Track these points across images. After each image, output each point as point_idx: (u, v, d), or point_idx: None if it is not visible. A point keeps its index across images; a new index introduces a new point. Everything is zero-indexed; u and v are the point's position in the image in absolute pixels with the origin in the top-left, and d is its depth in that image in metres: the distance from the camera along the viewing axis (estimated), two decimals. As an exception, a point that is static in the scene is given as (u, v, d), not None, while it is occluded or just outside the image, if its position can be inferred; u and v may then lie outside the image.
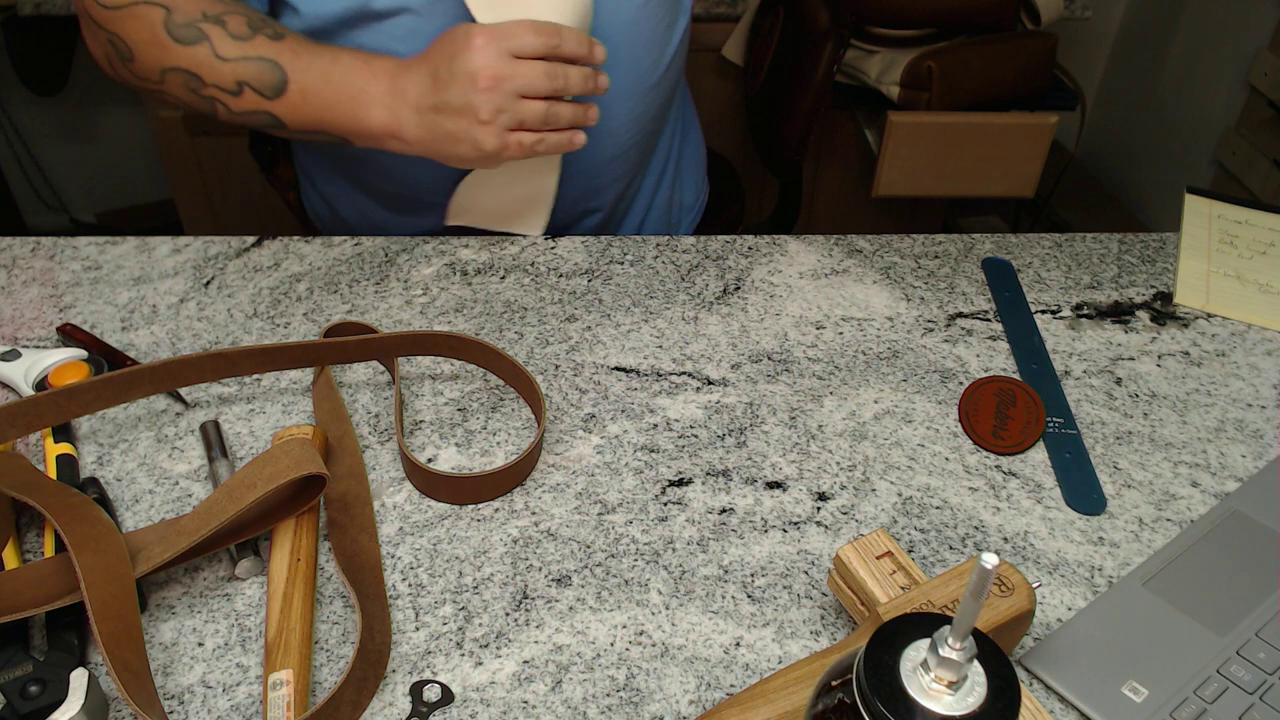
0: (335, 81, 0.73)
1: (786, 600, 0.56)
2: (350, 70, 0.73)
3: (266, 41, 0.74)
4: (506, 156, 0.73)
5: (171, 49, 0.74)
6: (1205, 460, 0.66)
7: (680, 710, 0.50)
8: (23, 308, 0.76)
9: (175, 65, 0.74)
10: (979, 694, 0.33)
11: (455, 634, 0.54)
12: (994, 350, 0.74)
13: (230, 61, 0.74)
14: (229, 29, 0.74)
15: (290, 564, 0.55)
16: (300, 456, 0.55)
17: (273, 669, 0.50)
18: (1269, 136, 1.69)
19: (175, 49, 0.74)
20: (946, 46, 1.64)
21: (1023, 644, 0.54)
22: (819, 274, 0.81)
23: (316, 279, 0.79)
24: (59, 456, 0.62)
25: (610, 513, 0.61)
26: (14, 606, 0.50)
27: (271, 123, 0.76)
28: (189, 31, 0.74)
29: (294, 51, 0.73)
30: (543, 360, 0.72)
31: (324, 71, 0.73)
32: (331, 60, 0.73)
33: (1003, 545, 0.59)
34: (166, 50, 0.74)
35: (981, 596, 0.31)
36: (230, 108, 0.75)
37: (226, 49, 0.74)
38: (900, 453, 0.65)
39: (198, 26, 0.74)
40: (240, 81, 0.74)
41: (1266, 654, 0.53)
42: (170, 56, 0.74)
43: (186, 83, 0.75)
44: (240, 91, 0.74)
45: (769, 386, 0.70)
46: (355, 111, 0.73)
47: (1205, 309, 0.79)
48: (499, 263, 0.82)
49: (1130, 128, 2.12)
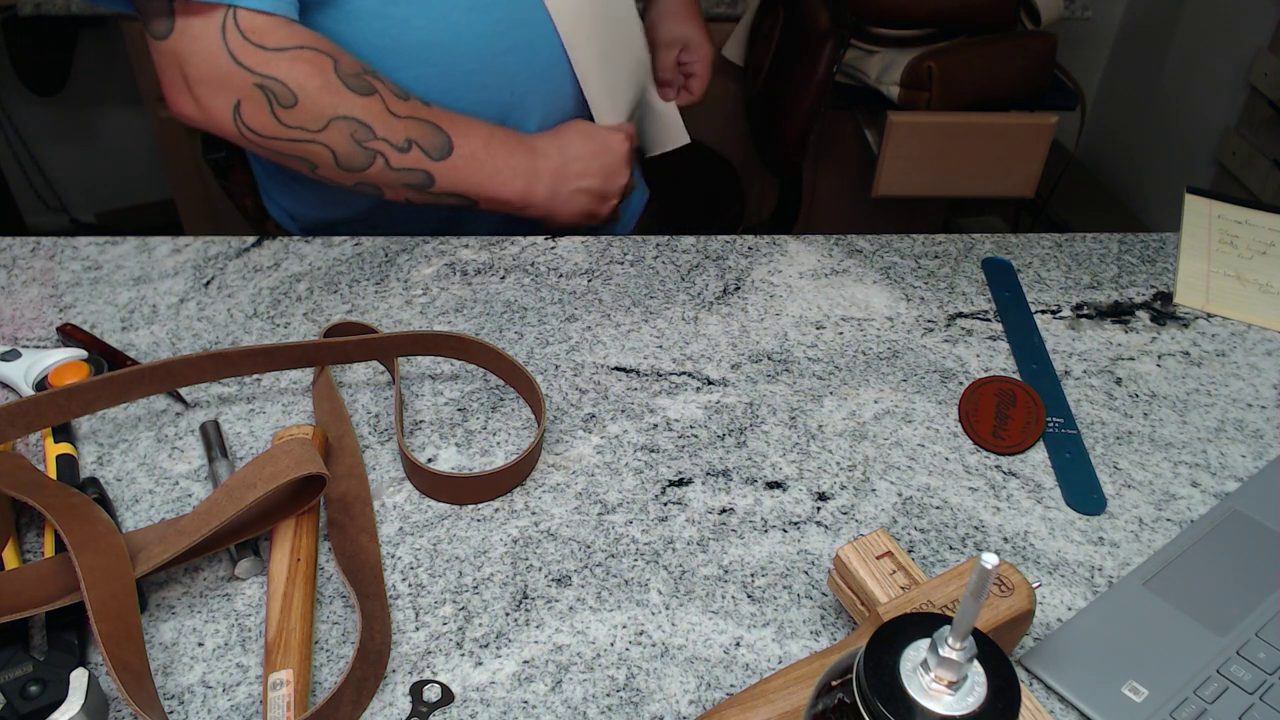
0: (496, 154, 0.80)
1: (786, 600, 0.56)
2: (504, 144, 0.81)
3: (424, 106, 0.78)
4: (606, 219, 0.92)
5: (347, 96, 0.74)
6: (1205, 460, 0.66)
7: (680, 710, 0.50)
8: (23, 308, 0.76)
9: (349, 114, 0.74)
10: (979, 694, 0.33)
11: (455, 634, 0.54)
12: (994, 350, 0.74)
13: (401, 119, 0.76)
14: (390, 87, 0.76)
15: (290, 564, 0.55)
16: (300, 456, 0.55)
17: (273, 669, 0.50)
18: (1269, 136, 1.69)
19: (350, 97, 0.74)
20: (946, 46, 1.64)
21: (1023, 644, 0.54)
22: (819, 274, 0.82)
23: (316, 279, 0.79)
24: (59, 456, 0.62)
25: (610, 513, 0.61)
26: (14, 606, 0.50)
27: (423, 183, 0.79)
28: (360, 83, 0.74)
29: (451, 121, 0.78)
30: (543, 360, 0.72)
31: (486, 142, 0.80)
32: (489, 134, 0.80)
33: (1003, 545, 0.59)
34: (341, 97, 0.73)
35: (981, 596, 0.31)
36: (391, 163, 0.77)
37: (396, 105, 0.76)
38: (900, 453, 0.65)
39: (365, 79, 0.75)
40: (410, 139, 0.76)
41: (1266, 654, 0.53)
42: (345, 104, 0.74)
43: (355, 133, 0.75)
44: (408, 149, 0.76)
45: (769, 386, 0.70)
46: (507, 183, 0.81)
47: (1205, 309, 0.79)
48: (499, 263, 0.82)
49: (1130, 128, 2.12)
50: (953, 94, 1.60)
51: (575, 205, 0.86)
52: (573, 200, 0.86)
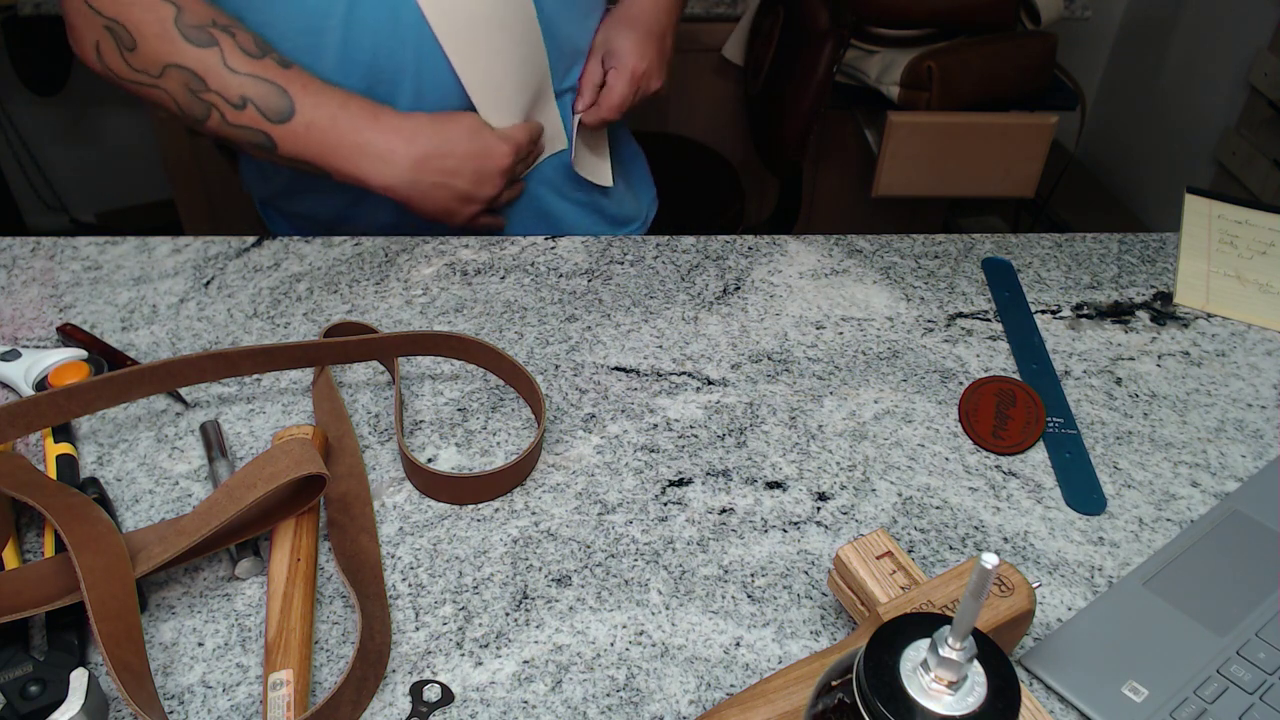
0: (341, 126, 0.78)
1: (786, 600, 0.56)
2: (356, 119, 0.79)
3: (275, 66, 0.77)
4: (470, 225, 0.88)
5: (180, 46, 0.75)
6: (1205, 460, 0.66)
7: (680, 710, 0.50)
8: (23, 308, 0.76)
9: (181, 63, 0.75)
10: (979, 694, 0.33)
11: (455, 634, 0.54)
12: (994, 350, 0.74)
13: (239, 75, 0.76)
14: (239, 42, 0.76)
15: (290, 564, 0.55)
16: (300, 456, 0.55)
17: (273, 669, 0.50)
18: (1269, 136, 1.69)
19: (184, 47, 0.75)
20: (946, 46, 1.64)
21: (1023, 644, 0.54)
22: (819, 274, 0.82)
23: (316, 279, 0.79)
24: (59, 456, 0.62)
25: (610, 513, 0.61)
26: (14, 606, 0.50)
27: (264, 143, 0.79)
28: (200, 34, 0.75)
29: (303, 85, 0.78)
30: (543, 360, 0.72)
31: (333, 114, 0.78)
32: (340, 104, 0.78)
33: (1003, 545, 0.59)
34: (175, 46, 0.75)
35: (981, 596, 0.31)
36: (227, 118, 0.77)
37: (236, 61, 0.76)
38: (900, 453, 0.65)
39: (209, 31, 0.76)
40: (245, 97, 0.76)
41: (1266, 654, 0.53)
42: (178, 53, 0.75)
43: (189, 82, 0.76)
44: (244, 106, 0.77)
45: (769, 386, 0.70)
46: (355, 159, 0.79)
47: (1205, 309, 0.79)
48: (499, 263, 0.82)
49: (1130, 128, 2.12)
50: (953, 94, 1.60)
51: (435, 199, 0.82)
52: (433, 193, 0.82)
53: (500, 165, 0.84)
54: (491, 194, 0.84)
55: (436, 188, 0.82)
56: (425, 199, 0.82)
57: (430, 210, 0.83)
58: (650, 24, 0.93)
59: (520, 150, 0.86)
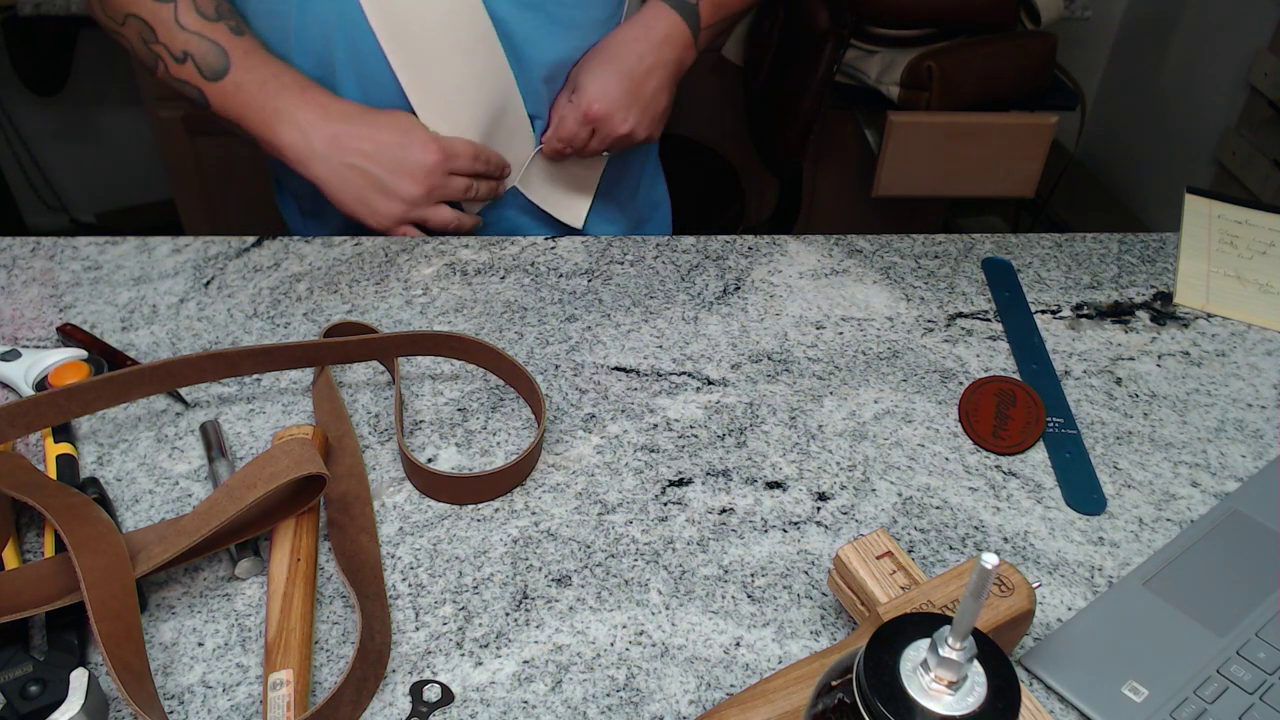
0: (269, 92, 0.80)
1: (786, 600, 0.56)
2: (285, 89, 0.81)
3: (225, 31, 0.81)
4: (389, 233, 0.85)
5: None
6: (1205, 460, 0.66)
7: (680, 710, 0.50)
8: (23, 308, 0.76)
9: (137, 13, 0.81)
10: (979, 694, 0.33)
11: (455, 634, 0.54)
12: (994, 350, 0.74)
13: (186, 32, 0.80)
14: (197, 3, 0.81)
15: (290, 564, 0.55)
16: (300, 456, 0.55)
17: (273, 669, 0.50)
18: (1269, 136, 1.69)
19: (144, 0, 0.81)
20: (946, 46, 1.64)
21: (1023, 644, 0.54)
22: (819, 274, 0.82)
23: (316, 279, 0.79)
24: (59, 456, 0.62)
25: (610, 513, 0.61)
26: (14, 606, 0.50)
27: (197, 98, 0.83)
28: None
29: (245, 51, 0.81)
30: (543, 360, 0.72)
31: (262, 79, 0.80)
32: (274, 74, 0.81)
33: (1003, 545, 0.59)
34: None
35: (981, 596, 0.31)
36: (170, 70, 0.82)
37: (187, 19, 0.80)
38: (900, 453, 0.65)
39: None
40: (186, 52, 0.81)
41: (1266, 654, 0.53)
42: (136, 5, 0.81)
43: (141, 32, 0.81)
44: (183, 60, 0.81)
45: (769, 386, 0.70)
46: (274, 124, 0.81)
47: (1205, 309, 0.79)
48: (499, 263, 0.82)
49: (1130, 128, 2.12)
50: (953, 94, 1.60)
51: (349, 182, 0.81)
52: (346, 174, 0.80)
53: (422, 161, 0.80)
54: (412, 192, 0.81)
55: (349, 169, 0.80)
56: (339, 180, 0.81)
57: (345, 197, 0.82)
58: (626, 63, 0.86)
59: (451, 157, 0.82)
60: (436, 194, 0.82)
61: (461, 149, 0.83)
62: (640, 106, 0.87)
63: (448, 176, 0.82)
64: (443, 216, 0.84)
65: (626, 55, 0.86)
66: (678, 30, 0.88)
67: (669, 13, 0.88)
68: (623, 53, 0.86)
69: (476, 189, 0.85)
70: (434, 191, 0.82)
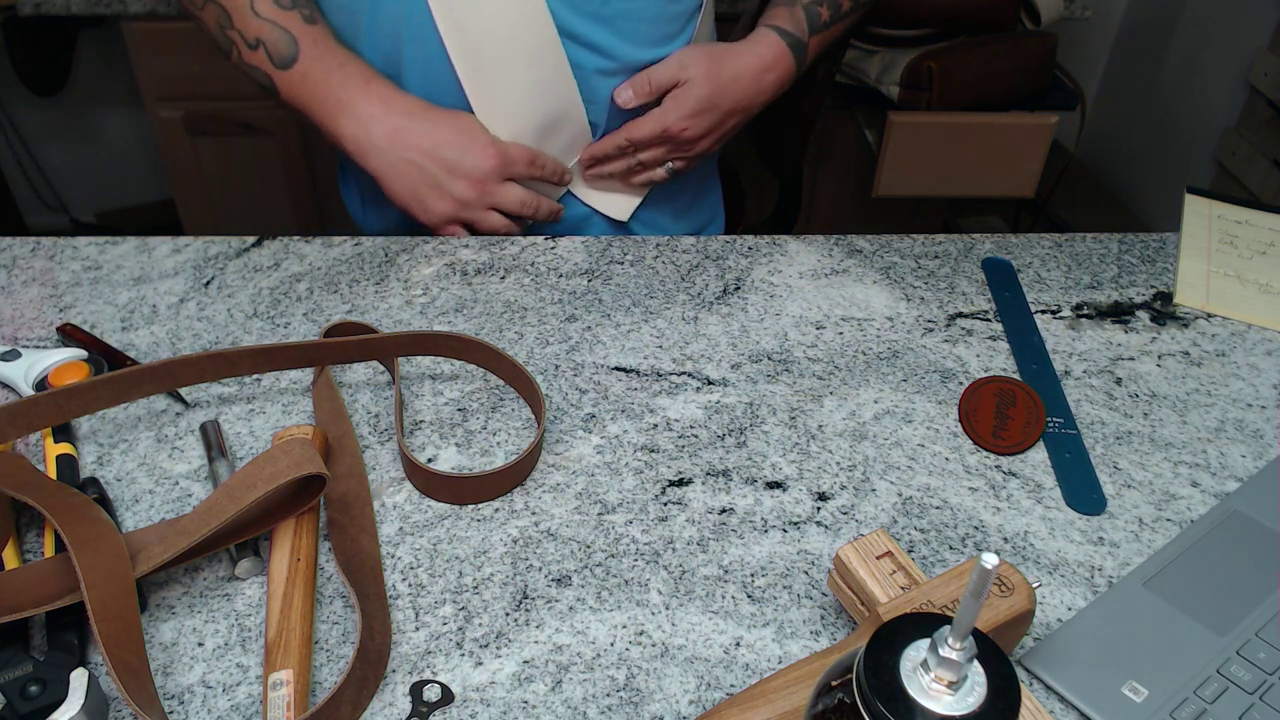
0: (333, 83, 0.81)
1: (786, 600, 0.56)
2: (349, 79, 0.81)
3: (298, 19, 0.82)
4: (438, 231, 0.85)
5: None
6: (1205, 460, 0.66)
7: (680, 710, 0.50)
8: (23, 308, 0.76)
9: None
10: (979, 694, 0.33)
11: (455, 634, 0.54)
12: (994, 350, 0.74)
13: (260, 19, 0.82)
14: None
15: (290, 564, 0.55)
16: (300, 456, 0.55)
17: (273, 669, 0.50)
18: (1269, 136, 1.69)
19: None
20: (946, 46, 1.64)
21: (1023, 644, 0.54)
22: (819, 274, 0.81)
23: (316, 279, 0.79)
24: (59, 456, 0.62)
25: (610, 513, 0.61)
26: (14, 606, 0.50)
27: (268, 85, 0.84)
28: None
29: (315, 40, 0.82)
30: (543, 360, 0.72)
31: (328, 69, 0.81)
32: (340, 64, 0.82)
33: (1003, 545, 0.59)
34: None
35: (981, 596, 0.31)
36: (242, 56, 0.83)
37: (263, 7, 0.82)
38: (900, 453, 0.65)
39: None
40: (259, 39, 0.82)
41: (1266, 654, 0.53)
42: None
43: (218, 17, 0.83)
44: (256, 47, 0.82)
45: (769, 386, 0.70)
46: (336, 115, 0.82)
47: (1205, 309, 0.79)
48: (499, 263, 0.82)
49: (1130, 128, 2.12)
50: (953, 94, 1.60)
51: (404, 176, 0.81)
52: (402, 169, 0.81)
53: (478, 164, 0.81)
54: (465, 194, 0.82)
55: (406, 164, 0.81)
56: (395, 174, 0.82)
57: (400, 190, 0.82)
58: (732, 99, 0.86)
59: (507, 164, 0.82)
60: (489, 199, 0.83)
61: (518, 155, 0.83)
62: (715, 137, 0.89)
63: (503, 184, 0.83)
64: (492, 222, 0.84)
65: (735, 91, 0.86)
66: (786, 69, 0.88)
67: (784, 51, 0.88)
68: (732, 87, 0.86)
69: (537, 208, 0.85)
70: (486, 196, 0.83)
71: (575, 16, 0.82)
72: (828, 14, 0.89)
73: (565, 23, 0.82)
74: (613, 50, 0.85)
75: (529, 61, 0.83)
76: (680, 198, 0.99)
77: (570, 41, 0.83)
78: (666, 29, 0.87)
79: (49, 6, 1.64)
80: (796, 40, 0.88)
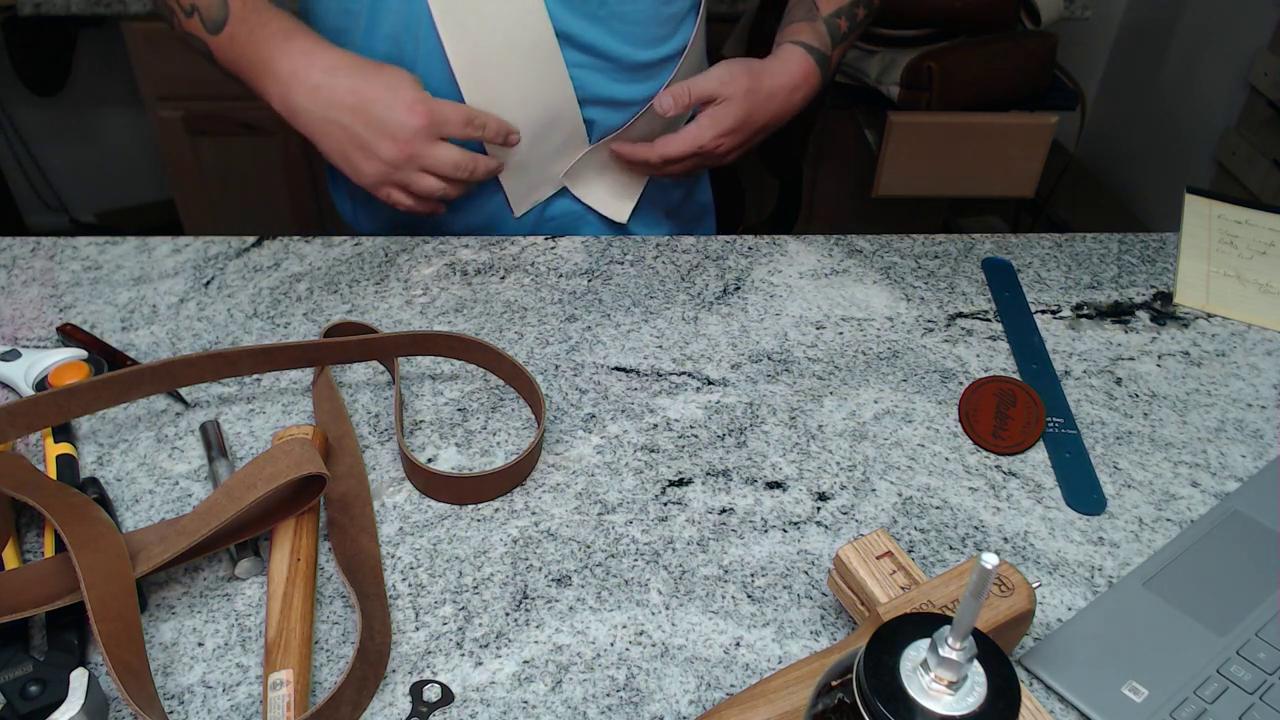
0: (258, 42, 0.78)
1: (786, 600, 0.56)
2: (270, 37, 0.78)
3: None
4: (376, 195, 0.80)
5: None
6: (1205, 460, 0.66)
7: (680, 710, 0.50)
8: (23, 308, 0.76)
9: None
10: (979, 694, 0.33)
11: (455, 634, 0.54)
12: (994, 350, 0.74)
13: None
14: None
15: (290, 564, 0.55)
16: (300, 456, 0.55)
17: (273, 669, 0.50)
18: (1269, 136, 1.69)
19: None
20: (946, 46, 1.64)
21: (1023, 644, 0.54)
22: (819, 274, 0.81)
23: (316, 279, 0.79)
24: (59, 456, 0.62)
25: (610, 513, 0.61)
26: (14, 606, 0.50)
27: (204, 51, 0.82)
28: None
29: (246, 3, 0.79)
30: (543, 360, 0.72)
31: (250, 29, 0.79)
32: (263, 23, 0.79)
33: (1003, 545, 0.59)
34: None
35: (981, 596, 0.31)
36: (180, 24, 0.82)
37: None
38: (900, 453, 0.65)
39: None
40: (194, 5, 0.80)
41: (1266, 654, 0.53)
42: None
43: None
44: (191, 14, 0.81)
45: (769, 386, 0.70)
46: (261, 75, 0.79)
47: (1205, 309, 0.79)
48: (499, 263, 0.82)
49: (1130, 128, 2.12)
50: (953, 94, 1.60)
51: (330, 137, 0.77)
52: (329, 131, 0.77)
53: (404, 122, 0.75)
54: (391, 153, 0.76)
55: (330, 123, 0.77)
56: (322, 134, 0.78)
57: (330, 151, 0.79)
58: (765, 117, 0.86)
59: (438, 123, 0.76)
60: (419, 161, 0.77)
61: (451, 114, 0.77)
62: (742, 150, 0.89)
63: (433, 143, 0.77)
64: (426, 185, 0.79)
65: (769, 109, 0.87)
66: (814, 84, 0.89)
67: (812, 67, 0.88)
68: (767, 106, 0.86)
69: (473, 168, 0.79)
70: (415, 158, 0.77)
71: (572, 16, 0.82)
72: (846, 25, 0.90)
73: (561, 23, 0.82)
74: (607, 50, 0.85)
75: (526, 60, 0.82)
76: (673, 194, 1.00)
77: (565, 42, 0.83)
78: (660, 30, 0.87)
79: (49, 6, 1.64)
80: (822, 55, 0.89)
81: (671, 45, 0.88)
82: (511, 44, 0.81)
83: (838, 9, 0.89)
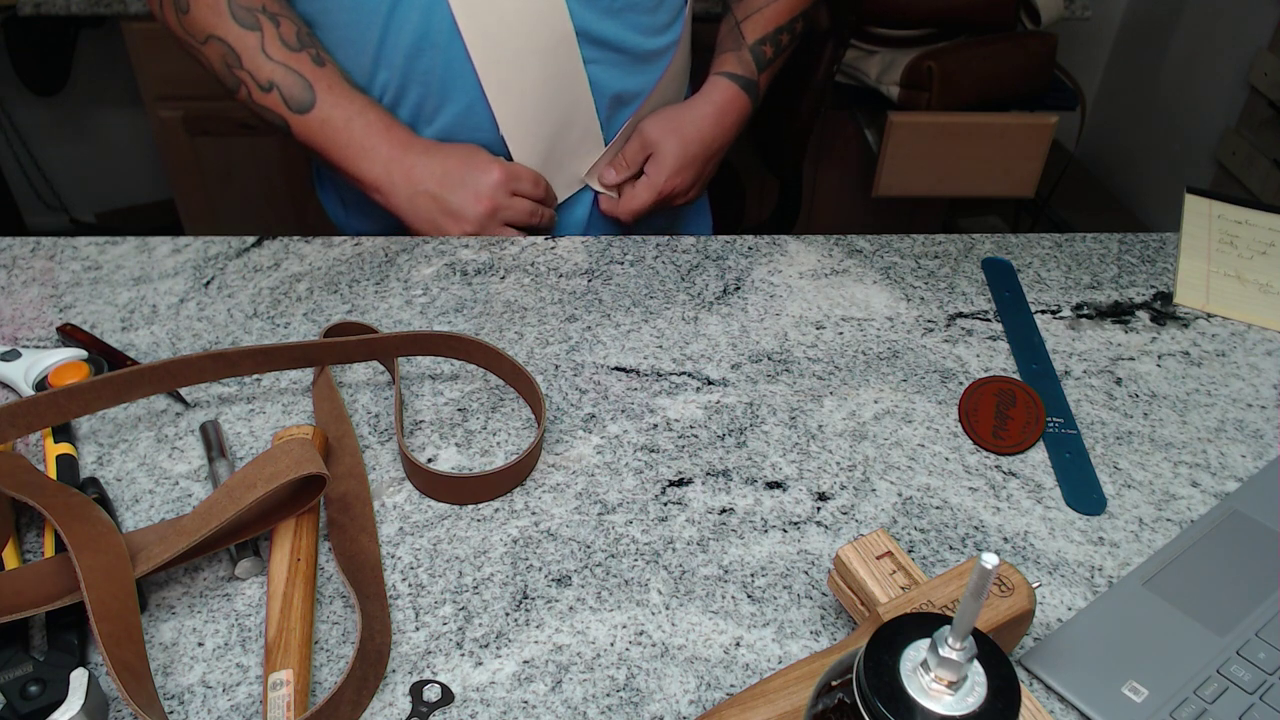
0: (354, 130, 0.84)
1: (786, 600, 0.56)
2: (371, 127, 0.85)
3: (310, 62, 0.84)
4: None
5: (226, 22, 0.83)
6: (1205, 460, 0.66)
7: (680, 710, 0.50)
8: (23, 308, 0.76)
9: (222, 36, 0.83)
10: (979, 694, 0.33)
11: (455, 634, 0.54)
12: (994, 350, 0.74)
13: (272, 62, 0.83)
14: (281, 31, 0.83)
15: (290, 564, 0.55)
16: (300, 456, 0.55)
17: (273, 669, 0.50)
18: (1269, 136, 1.69)
19: (229, 23, 0.83)
20: (946, 46, 1.64)
21: (1023, 644, 0.54)
22: (819, 274, 0.82)
23: (316, 279, 0.79)
24: (59, 456, 0.62)
25: (610, 513, 0.61)
26: (14, 606, 0.50)
27: (281, 126, 0.86)
28: (247, 16, 0.83)
29: (330, 85, 0.84)
30: (543, 360, 0.72)
31: (348, 117, 0.84)
32: (359, 111, 0.85)
33: (1003, 545, 0.59)
34: (221, 20, 0.83)
35: (981, 596, 0.31)
36: (253, 97, 0.85)
37: (274, 49, 0.83)
38: (900, 453, 0.65)
39: (256, 15, 0.83)
40: (273, 83, 0.84)
41: (1266, 654, 0.53)
42: (222, 28, 0.83)
43: (225, 56, 0.84)
44: (269, 90, 0.84)
45: (769, 386, 0.70)
46: (358, 160, 0.85)
47: (1205, 309, 0.79)
48: (499, 263, 0.82)
49: (1130, 128, 2.12)
50: (953, 94, 1.60)
51: (422, 210, 0.85)
52: (419, 204, 0.85)
53: (485, 179, 0.84)
54: (475, 210, 0.85)
55: (421, 196, 0.85)
56: (413, 209, 0.85)
57: (419, 223, 0.86)
58: (702, 146, 0.93)
59: (513, 178, 0.86)
60: (501, 214, 0.86)
61: (524, 173, 0.87)
62: (702, 182, 0.97)
63: (511, 197, 0.86)
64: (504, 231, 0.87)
65: (701, 138, 0.93)
66: (743, 108, 0.96)
67: (738, 93, 0.95)
68: (700, 136, 0.93)
69: (542, 214, 0.89)
70: (498, 211, 0.85)
71: (590, 13, 0.85)
72: (771, 51, 0.97)
73: (579, 20, 0.84)
74: (621, 42, 0.88)
75: (547, 59, 0.85)
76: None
77: (581, 38, 0.85)
78: (665, 17, 0.91)
79: (49, 6, 1.64)
80: (748, 80, 0.96)
81: (672, 33, 0.93)
82: (533, 45, 0.84)
83: (761, 37, 0.96)
